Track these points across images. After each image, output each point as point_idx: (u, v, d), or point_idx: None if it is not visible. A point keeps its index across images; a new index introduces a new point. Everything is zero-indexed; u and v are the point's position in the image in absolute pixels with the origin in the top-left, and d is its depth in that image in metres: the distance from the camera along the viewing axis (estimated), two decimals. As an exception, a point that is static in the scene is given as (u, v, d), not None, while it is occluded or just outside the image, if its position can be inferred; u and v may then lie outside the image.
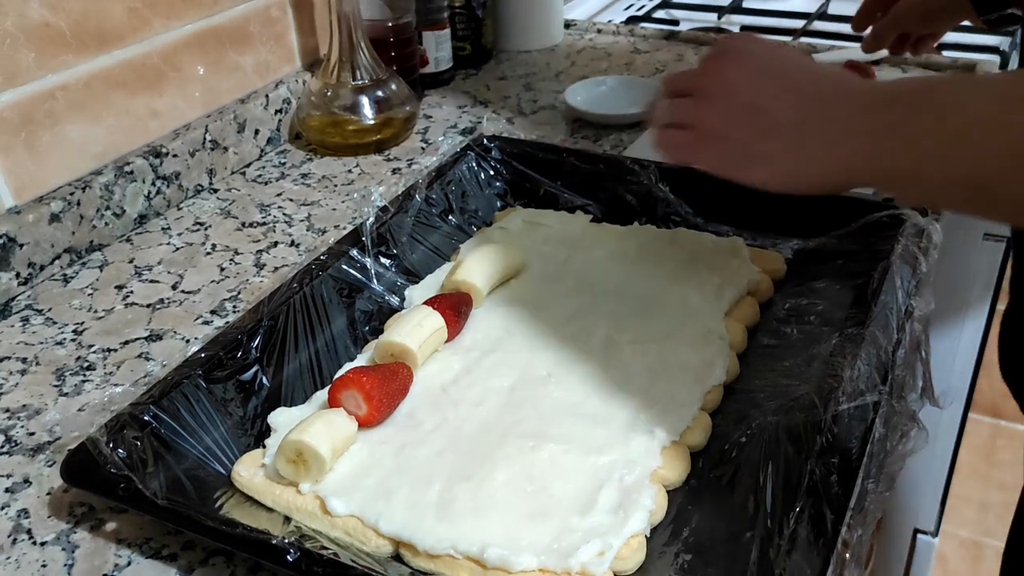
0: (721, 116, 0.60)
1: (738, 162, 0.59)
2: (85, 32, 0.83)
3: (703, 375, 0.63)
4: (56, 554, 0.55)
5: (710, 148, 0.61)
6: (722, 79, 0.60)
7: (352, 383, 0.59)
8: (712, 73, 0.61)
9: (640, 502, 0.53)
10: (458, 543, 0.51)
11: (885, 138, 0.52)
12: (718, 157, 0.60)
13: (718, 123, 0.60)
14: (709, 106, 0.60)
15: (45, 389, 0.68)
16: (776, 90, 0.58)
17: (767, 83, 0.58)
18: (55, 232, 0.81)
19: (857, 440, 0.54)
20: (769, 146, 0.57)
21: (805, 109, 0.56)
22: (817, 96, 0.56)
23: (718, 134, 0.60)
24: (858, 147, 0.53)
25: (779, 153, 0.57)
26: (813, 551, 0.47)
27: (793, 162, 0.57)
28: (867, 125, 0.53)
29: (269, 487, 0.56)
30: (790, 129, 0.57)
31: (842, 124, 0.54)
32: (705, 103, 0.61)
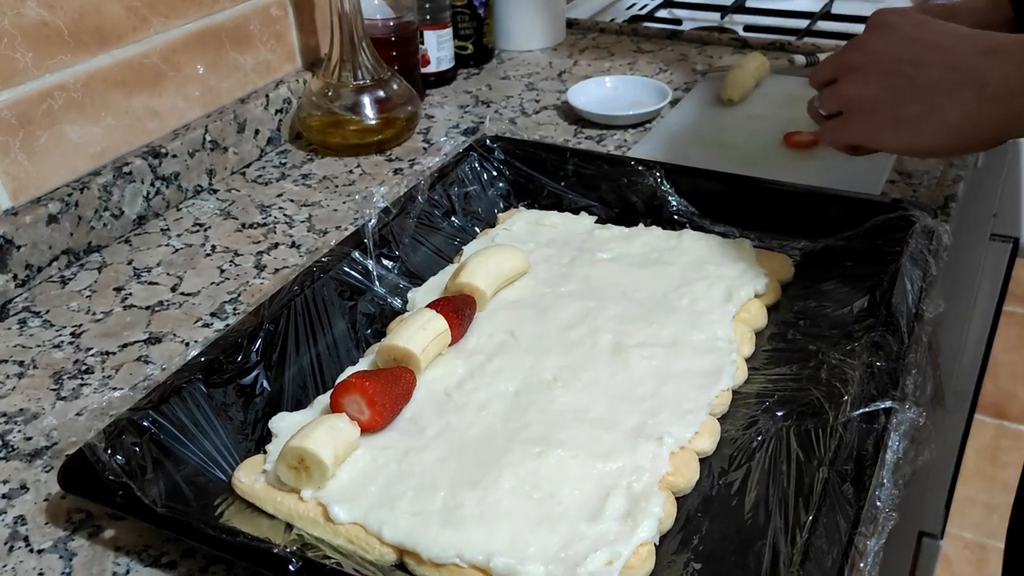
0: (862, 87, 0.62)
1: (881, 130, 0.61)
2: (83, 31, 0.82)
3: (711, 380, 0.62)
4: (53, 562, 0.54)
5: (855, 123, 0.63)
6: (864, 52, 0.62)
7: (355, 388, 0.58)
8: (855, 49, 0.63)
9: (649, 509, 0.52)
10: (463, 551, 0.50)
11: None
12: (860, 129, 0.63)
13: (862, 94, 0.62)
14: (852, 81, 0.63)
15: (42, 393, 0.67)
16: (918, 56, 0.59)
17: (909, 49, 0.60)
18: (53, 233, 0.80)
19: (870, 447, 0.53)
20: (911, 109, 0.59)
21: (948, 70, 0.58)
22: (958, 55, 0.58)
23: (862, 107, 0.62)
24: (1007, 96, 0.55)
25: (923, 116, 0.59)
26: (827, 561, 0.46)
27: (939, 123, 0.58)
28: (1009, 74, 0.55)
29: (270, 494, 0.55)
30: (932, 91, 0.58)
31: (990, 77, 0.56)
32: (848, 80, 0.63)
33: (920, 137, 0.60)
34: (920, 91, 0.59)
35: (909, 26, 0.62)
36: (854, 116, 0.63)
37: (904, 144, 0.61)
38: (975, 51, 0.58)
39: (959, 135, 0.58)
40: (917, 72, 0.59)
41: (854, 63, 0.63)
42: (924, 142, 0.60)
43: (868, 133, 0.63)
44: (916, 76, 0.59)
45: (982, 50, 0.57)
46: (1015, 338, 1.90)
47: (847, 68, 0.64)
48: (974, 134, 0.58)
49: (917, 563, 1.51)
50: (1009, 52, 0.56)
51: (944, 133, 0.59)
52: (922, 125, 0.59)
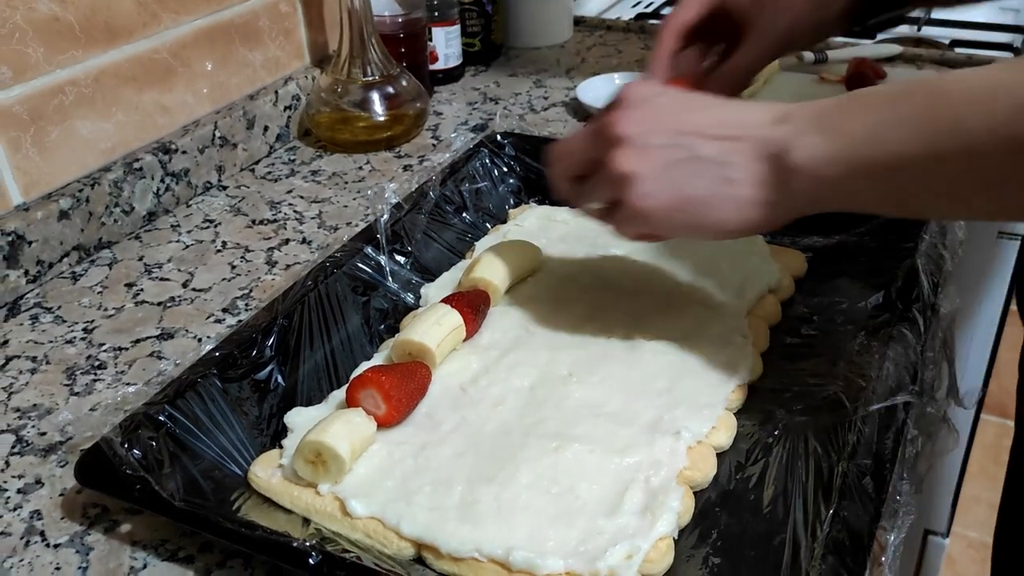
0: (637, 163, 0.53)
1: (669, 213, 0.53)
2: (94, 26, 0.82)
3: (726, 374, 0.62)
4: (70, 556, 0.54)
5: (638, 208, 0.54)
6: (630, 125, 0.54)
7: (371, 382, 0.58)
8: (615, 123, 0.54)
9: (667, 504, 0.52)
10: (482, 546, 0.50)
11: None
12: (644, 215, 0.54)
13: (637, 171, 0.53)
14: (622, 157, 0.53)
15: (56, 388, 0.67)
16: (695, 126, 0.53)
17: (683, 120, 0.53)
18: (64, 229, 0.80)
19: (889, 441, 0.53)
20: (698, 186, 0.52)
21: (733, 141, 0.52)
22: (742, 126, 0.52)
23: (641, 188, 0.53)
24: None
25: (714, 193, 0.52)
26: (848, 555, 0.46)
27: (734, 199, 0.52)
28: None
29: (287, 488, 0.55)
30: (721, 165, 0.52)
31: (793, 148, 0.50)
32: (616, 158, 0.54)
33: (715, 217, 0.53)
34: (705, 165, 0.52)
35: (679, 99, 0.55)
36: (632, 197, 0.53)
37: (696, 225, 0.53)
38: (763, 121, 0.51)
39: (758, 211, 0.52)
40: (699, 144, 0.52)
41: (619, 135, 0.53)
42: (720, 221, 0.53)
43: (655, 218, 0.54)
44: (699, 149, 0.52)
45: (772, 120, 0.51)
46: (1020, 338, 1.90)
47: (611, 143, 0.54)
48: (774, 209, 0.52)
49: (923, 561, 1.51)
50: (805, 120, 0.50)
51: (741, 211, 0.52)
52: (714, 204, 0.52)
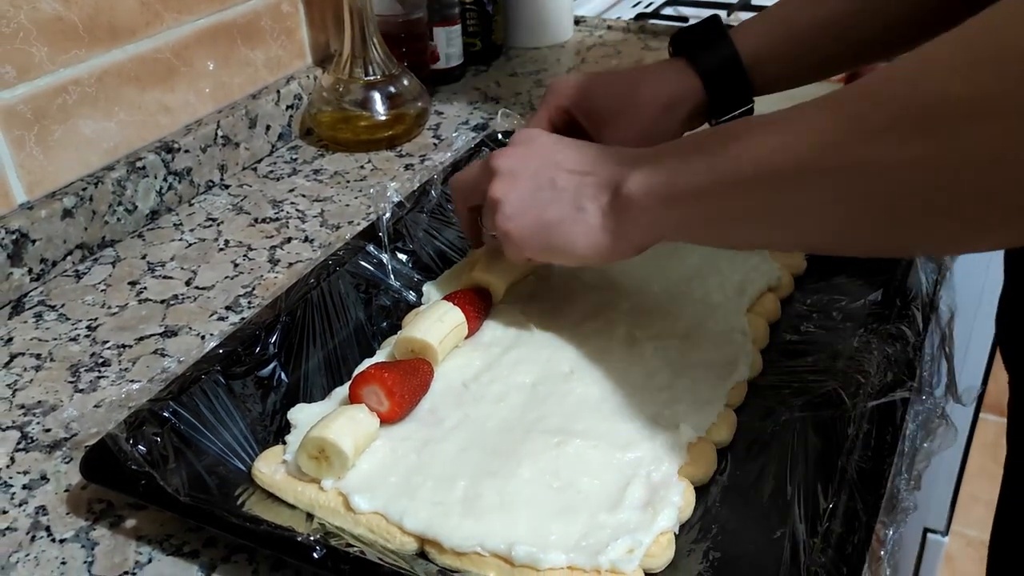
0: (509, 188, 0.60)
1: (531, 235, 0.60)
2: (97, 26, 0.82)
3: (726, 371, 0.62)
4: (76, 551, 0.54)
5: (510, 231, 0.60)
6: (510, 159, 0.61)
7: (374, 379, 0.58)
8: (499, 156, 0.62)
9: (669, 499, 0.52)
10: (485, 541, 0.50)
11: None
12: (515, 238, 0.60)
13: (508, 196, 0.60)
14: (499, 183, 0.61)
15: (60, 385, 0.67)
16: (561, 163, 0.59)
17: (551, 159, 0.60)
18: (67, 228, 0.80)
19: (887, 437, 0.53)
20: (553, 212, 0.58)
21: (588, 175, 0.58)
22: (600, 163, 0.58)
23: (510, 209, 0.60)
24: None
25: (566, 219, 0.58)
26: (848, 548, 0.47)
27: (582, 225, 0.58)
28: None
29: (290, 484, 0.56)
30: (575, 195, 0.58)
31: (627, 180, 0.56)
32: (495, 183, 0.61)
33: (566, 239, 0.58)
34: (562, 193, 0.58)
35: (553, 140, 0.62)
36: (498, 217, 0.61)
37: (552, 245, 0.59)
38: (616, 160, 0.58)
39: (604, 238, 0.57)
40: (559, 177, 0.59)
41: (500, 168, 0.61)
42: (572, 245, 0.58)
43: (518, 238, 0.60)
44: (558, 180, 0.59)
45: (624, 159, 0.57)
46: (1019, 336, 1.91)
47: (491, 173, 0.62)
48: (618, 236, 0.57)
49: (922, 559, 1.51)
50: (647, 159, 0.56)
51: (589, 236, 0.58)
52: (566, 227, 0.58)
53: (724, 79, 0.71)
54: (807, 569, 0.47)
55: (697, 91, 0.71)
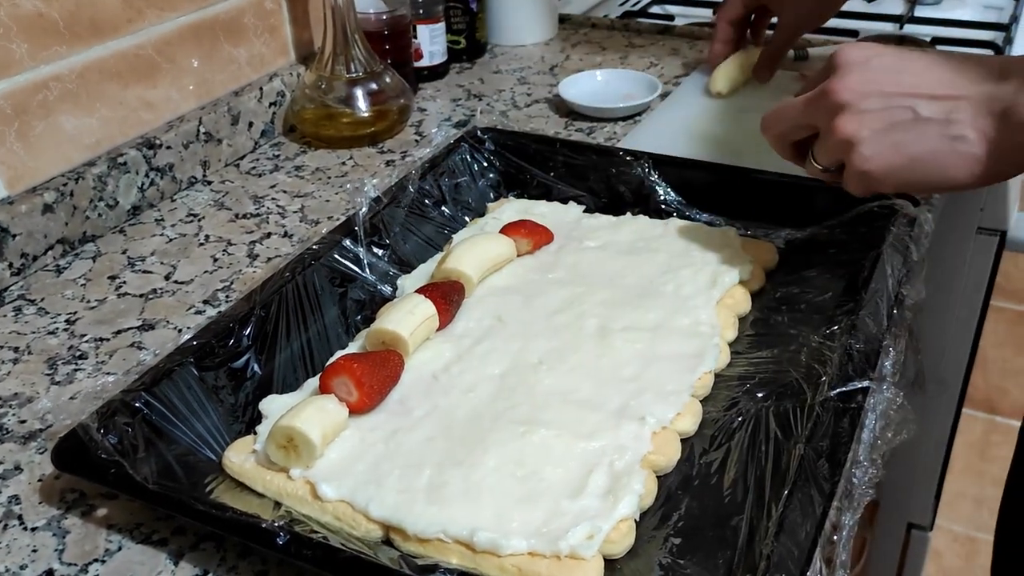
0: (860, 127, 0.55)
1: (898, 171, 0.55)
2: (78, 23, 0.83)
3: (694, 363, 0.63)
4: (47, 539, 0.55)
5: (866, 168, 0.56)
6: (847, 90, 0.55)
7: (343, 370, 0.59)
8: (832, 91, 0.56)
9: (630, 486, 0.53)
10: (448, 527, 0.51)
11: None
12: (873, 173, 0.56)
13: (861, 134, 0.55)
14: (845, 121, 0.55)
15: (37, 378, 0.68)
16: (914, 86, 0.54)
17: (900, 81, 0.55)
18: (48, 223, 0.81)
19: (846, 425, 0.54)
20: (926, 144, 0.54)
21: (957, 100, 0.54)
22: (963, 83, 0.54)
23: (868, 148, 0.55)
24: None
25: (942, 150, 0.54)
26: (801, 533, 0.47)
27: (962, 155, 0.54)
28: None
29: (260, 473, 0.56)
30: (946, 124, 0.53)
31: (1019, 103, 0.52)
32: (839, 122, 0.56)
33: (942, 172, 0.54)
34: (928, 124, 0.54)
35: (885, 57, 0.56)
36: (859, 159, 0.56)
37: (928, 180, 0.55)
38: (985, 76, 0.53)
39: (991, 165, 0.54)
40: (921, 103, 0.54)
41: (839, 102, 0.56)
42: (951, 178, 0.55)
43: (880, 178, 0.56)
44: (921, 107, 0.54)
45: (992, 76, 0.53)
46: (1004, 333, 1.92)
47: (832, 109, 0.56)
48: (1003, 163, 0.53)
49: (906, 555, 1.52)
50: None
51: (971, 166, 0.54)
52: (941, 160, 0.54)
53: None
54: (761, 554, 0.48)
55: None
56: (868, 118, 0.55)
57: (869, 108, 0.55)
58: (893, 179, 0.57)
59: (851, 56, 0.57)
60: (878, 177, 0.57)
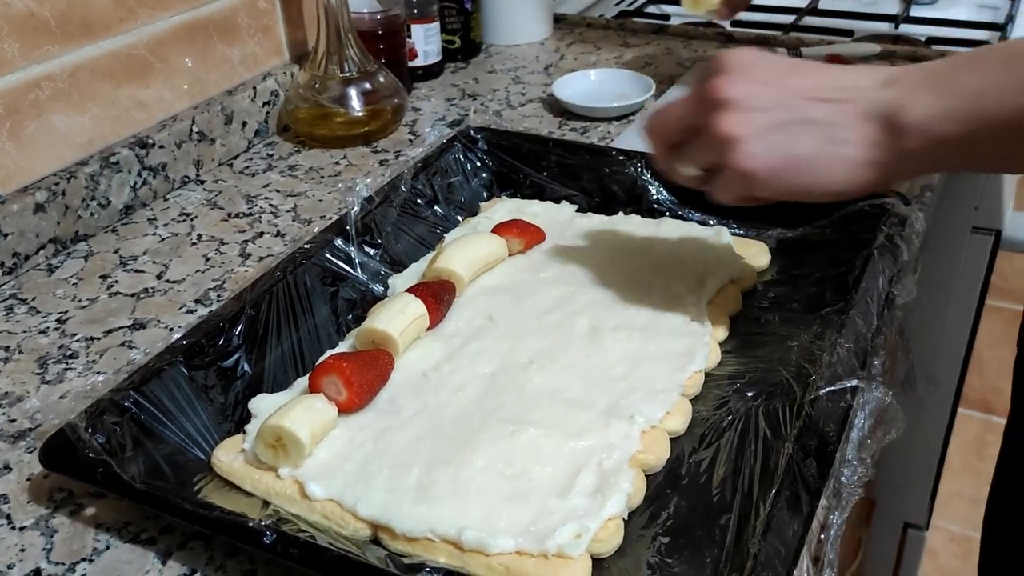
0: (741, 126, 0.53)
1: (776, 174, 0.53)
2: (70, 22, 0.83)
3: (684, 362, 0.63)
4: (35, 539, 0.55)
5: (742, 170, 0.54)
6: (733, 89, 0.53)
7: (332, 369, 0.59)
8: (718, 88, 0.54)
9: (618, 485, 0.53)
10: (436, 526, 0.51)
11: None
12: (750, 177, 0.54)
13: (742, 133, 0.53)
14: (726, 121, 0.53)
15: (27, 377, 0.68)
16: (802, 90, 0.53)
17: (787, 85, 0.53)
18: (40, 222, 0.81)
19: (835, 424, 0.54)
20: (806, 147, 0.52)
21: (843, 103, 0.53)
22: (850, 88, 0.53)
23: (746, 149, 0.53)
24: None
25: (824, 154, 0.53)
26: (788, 532, 0.47)
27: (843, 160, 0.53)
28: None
29: (248, 472, 0.56)
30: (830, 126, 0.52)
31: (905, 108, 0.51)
32: (719, 121, 0.53)
33: (821, 176, 0.53)
34: (814, 127, 0.52)
35: (771, 61, 0.55)
36: (738, 159, 0.53)
37: (803, 185, 0.54)
38: (871, 84, 0.52)
39: (868, 172, 0.53)
40: (806, 106, 0.52)
41: (723, 99, 0.53)
42: (830, 182, 0.53)
43: (761, 179, 0.54)
44: (806, 110, 0.52)
45: (880, 83, 0.52)
46: (1000, 333, 1.92)
47: (715, 106, 0.54)
48: (885, 169, 0.53)
49: (902, 554, 1.52)
50: (915, 82, 0.51)
51: (850, 171, 0.53)
52: (824, 163, 0.53)
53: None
54: (748, 552, 0.48)
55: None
56: (753, 116, 0.53)
57: (754, 107, 0.53)
58: (774, 182, 0.54)
59: (737, 58, 0.55)
60: (758, 178, 0.54)
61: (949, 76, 0.51)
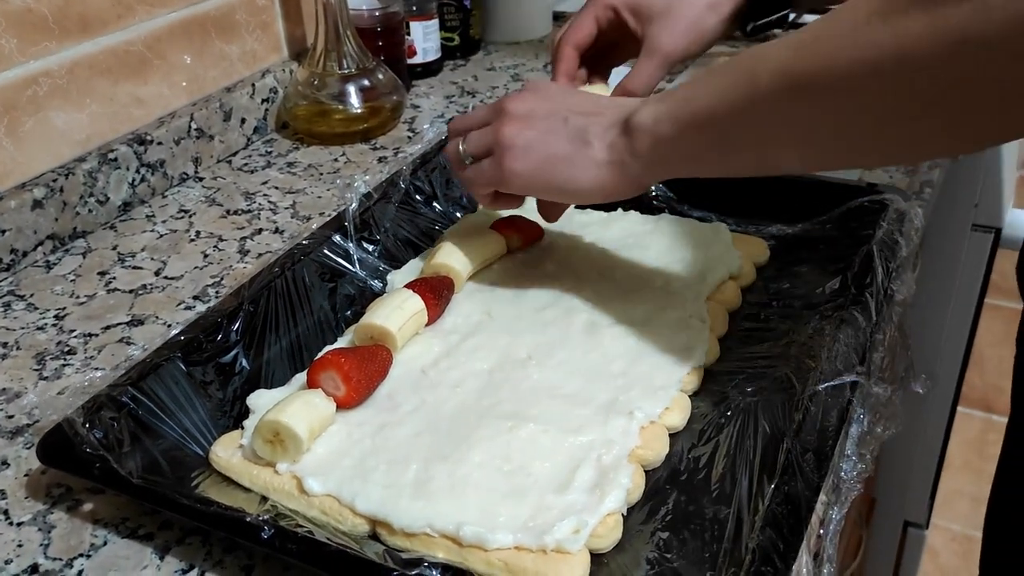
0: (520, 131, 0.62)
1: (534, 170, 0.62)
2: (67, 18, 0.83)
3: (683, 358, 0.63)
4: (32, 534, 0.55)
5: (507, 162, 0.63)
6: (523, 103, 0.63)
7: (330, 364, 0.59)
8: (513, 100, 0.64)
9: (617, 481, 0.53)
10: (434, 521, 0.51)
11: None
12: (511, 169, 0.63)
13: (518, 137, 0.62)
14: (509, 124, 0.63)
15: (25, 373, 0.68)
16: (573, 106, 0.62)
17: (564, 102, 0.63)
18: (38, 219, 0.81)
19: (833, 419, 0.54)
20: (563, 148, 0.61)
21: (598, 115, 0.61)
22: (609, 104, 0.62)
23: (516, 146, 0.62)
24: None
25: (574, 154, 0.61)
26: (786, 527, 0.47)
27: (588, 160, 0.60)
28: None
29: (246, 467, 0.56)
30: (584, 132, 0.60)
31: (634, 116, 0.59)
32: (504, 124, 0.63)
33: (565, 172, 0.61)
34: (572, 131, 0.61)
35: (565, 87, 0.67)
36: (506, 155, 0.63)
37: (555, 181, 0.62)
38: (628, 102, 0.61)
39: (609, 172, 0.60)
40: (571, 117, 0.61)
41: (512, 111, 0.63)
42: (574, 179, 0.61)
43: (519, 172, 0.63)
44: (571, 119, 0.61)
45: (635, 101, 0.60)
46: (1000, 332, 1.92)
47: (504, 115, 0.64)
48: (622, 171, 0.60)
49: (903, 553, 1.52)
50: (656, 97, 0.59)
51: (592, 171, 0.60)
52: (573, 161, 0.61)
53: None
54: (747, 547, 0.48)
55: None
56: (529, 125, 0.62)
57: (532, 117, 0.63)
58: (534, 181, 0.63)
59: (532, 84, 0.66)
60: (521, 176, 0.63)
61: (675, 89, 0.58)
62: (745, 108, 0.52)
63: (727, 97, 0.53)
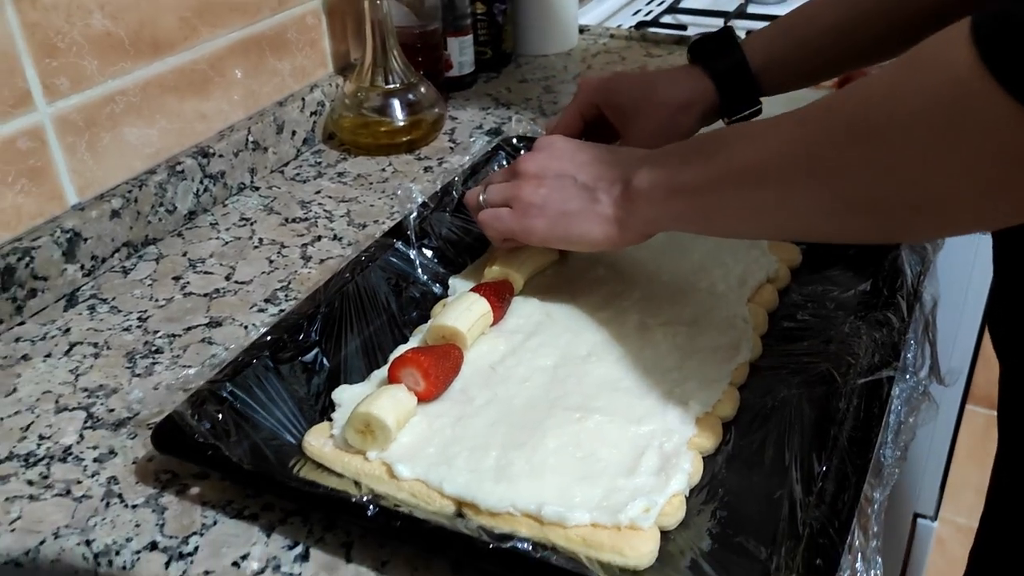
0: (535, 191, 0.69)
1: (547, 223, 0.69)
2: (141, 40, 0.88)
3: (730, 354, 0.68)
4: (147, 515, 0.60)
5: (521, 215, 0.70)
6: (536, 163, 0.70)
7: (411, 362, 0.64)
8: (527, 161, 0.71)
9: (680, 466, 0.58)
10: (516, 502, 0.56)
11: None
12: (525, 221, 0.70)
13: (534, 196, 0.69)
14: (525, 185, 0.70)
15: (119, 371, 0.73)
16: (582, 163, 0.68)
17: (573, 160, 0.69)
18: (115, 227, 0.86)
19: (874, 410, 0.60)
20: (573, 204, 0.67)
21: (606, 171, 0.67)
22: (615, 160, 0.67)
23: (531, 203, 0.69)
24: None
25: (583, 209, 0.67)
26: (838, 505, 0.53)
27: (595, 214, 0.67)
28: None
29: (338, 455, 0.62)
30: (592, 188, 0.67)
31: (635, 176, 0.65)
32: (521, 185, 0.70)
33: (578, 226, 0.68)
34: (582, 188, 0.67)
35: (572, 144, 0.71)
36: (525, 213, 0.70)
37: (569, 234, 0.68)
38: (628, 159, 0.66)
39: (615, 226, 0.66)
40: (580, 173, 0.68)
41: (527, 171, 0.70)
42: (587, 233, 0.67)
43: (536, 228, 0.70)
44: (580, 176, 0.68)
45: (634, 159, 0.66)
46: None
47: (521, 175, 0.71)
48: (626, 225, 0.66)
49: (912, 544, 1.58)
50: (653, 159, 0.65)
51: (602, 225, 0.67)
52: (581, 215, 0.67)
53: (734, 83, 0.81)
54: (803, 523, 0.53)
55: (710, 93, 0.81)
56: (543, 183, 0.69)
57: (545, 176, 0.69)
58: (552, 232, 0.69)
59: (542, 143, 0.73)
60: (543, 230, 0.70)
61: (668, 154, 0.64)
62: (720, 189, 0.59)
63: (705, 175, 0.60)
